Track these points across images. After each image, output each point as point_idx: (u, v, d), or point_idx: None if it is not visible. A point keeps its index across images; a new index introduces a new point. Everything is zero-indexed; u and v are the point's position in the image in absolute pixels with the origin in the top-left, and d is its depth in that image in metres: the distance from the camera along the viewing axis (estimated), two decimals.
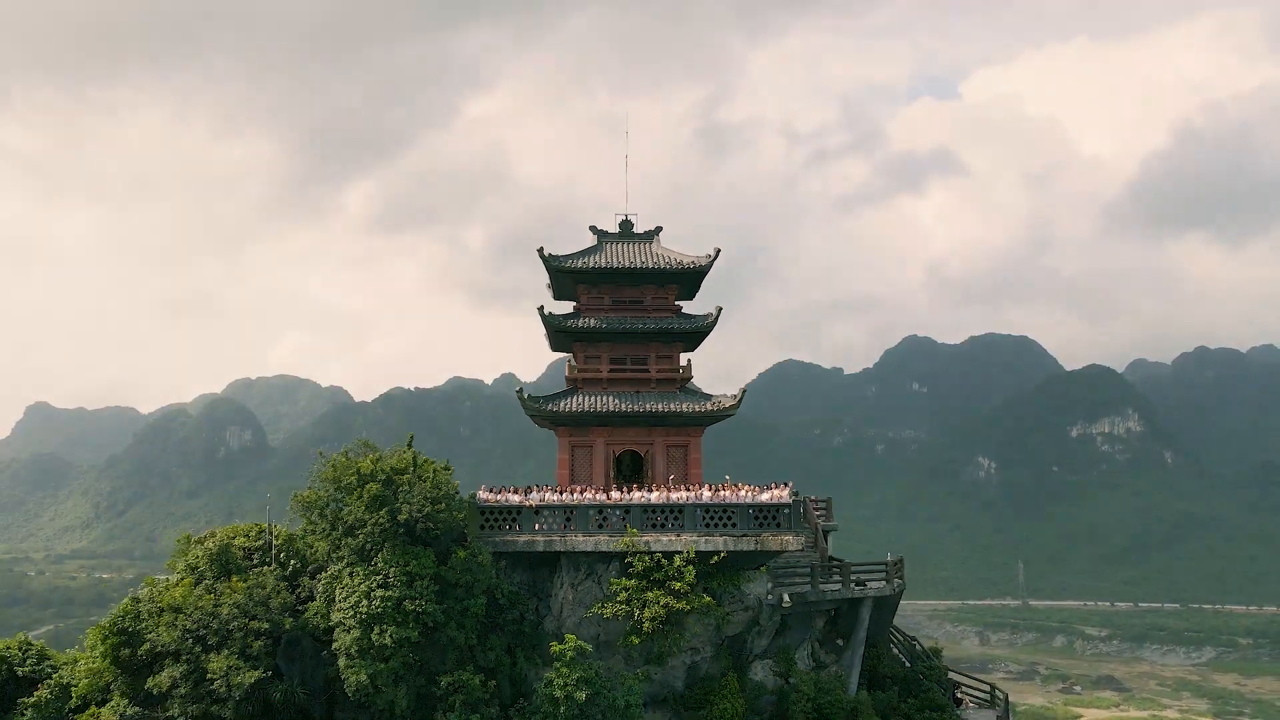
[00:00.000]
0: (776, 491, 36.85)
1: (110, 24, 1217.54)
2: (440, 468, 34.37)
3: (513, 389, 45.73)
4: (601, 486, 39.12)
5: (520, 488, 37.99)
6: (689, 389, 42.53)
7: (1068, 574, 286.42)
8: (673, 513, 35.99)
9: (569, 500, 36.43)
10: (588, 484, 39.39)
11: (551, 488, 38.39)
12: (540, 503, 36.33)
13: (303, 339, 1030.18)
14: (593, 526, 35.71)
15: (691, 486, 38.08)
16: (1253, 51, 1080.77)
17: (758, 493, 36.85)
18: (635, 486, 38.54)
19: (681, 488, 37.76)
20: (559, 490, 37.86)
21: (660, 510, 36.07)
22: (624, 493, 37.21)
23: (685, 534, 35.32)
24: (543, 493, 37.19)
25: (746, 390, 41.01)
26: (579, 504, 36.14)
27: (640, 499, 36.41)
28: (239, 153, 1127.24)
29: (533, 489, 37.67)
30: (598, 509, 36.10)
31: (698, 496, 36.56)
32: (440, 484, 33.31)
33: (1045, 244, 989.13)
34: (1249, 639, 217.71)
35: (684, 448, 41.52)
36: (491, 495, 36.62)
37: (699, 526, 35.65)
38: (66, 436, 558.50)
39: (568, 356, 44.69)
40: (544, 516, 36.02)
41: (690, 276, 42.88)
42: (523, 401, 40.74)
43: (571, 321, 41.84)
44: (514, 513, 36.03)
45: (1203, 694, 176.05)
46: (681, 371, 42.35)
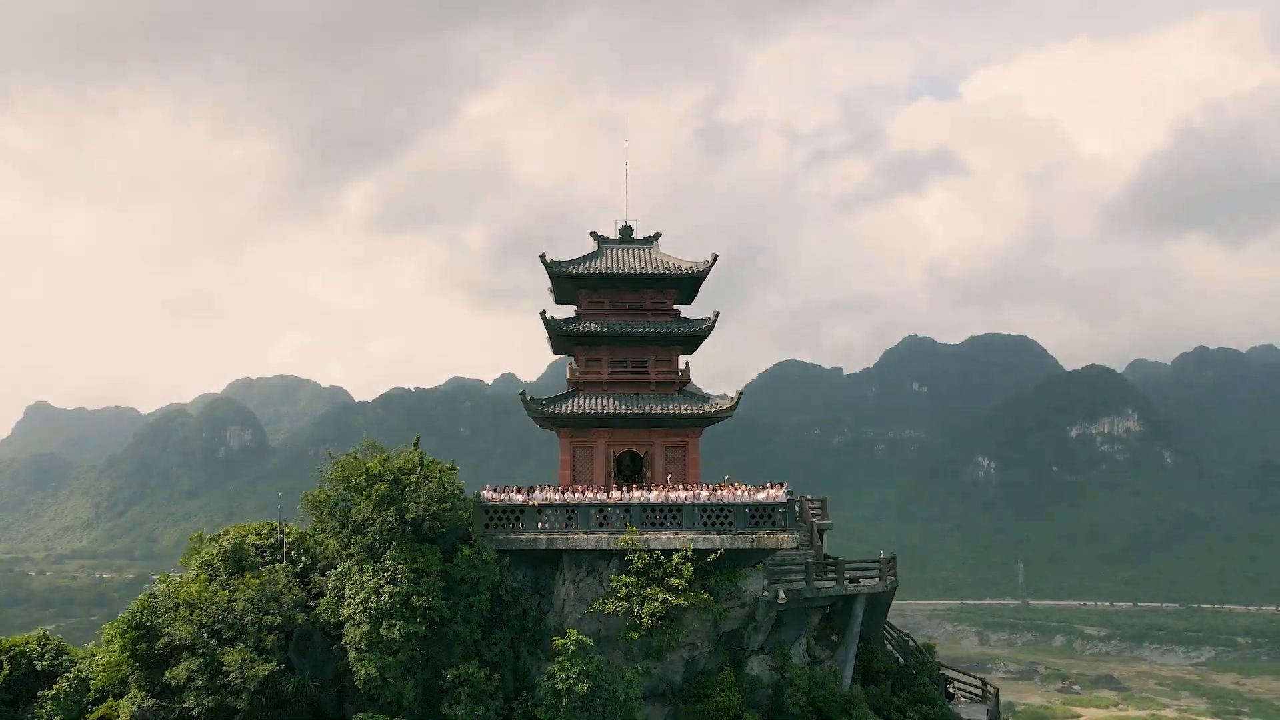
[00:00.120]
0: (772, 491, 37.82)
1: (110, 24, 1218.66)
2: (446, 468, 35.35)
3: (513, 389, 46.83)
4: (602, 486, 40.09)
5: (523, 487, 38.91)
6: (687, 391, 43.47)
7: (1067, 574, 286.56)
8: (671, 512, 36.92)
9: (571, 500, 37.37)
10: (589, 484, 40.33)
11: (553, 487, 39.31)
12: (543, 502, 37.27)
13: (303, 339, 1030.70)
14: (593, 525, 36.64)
15: (690, 486, 38.99)
16: (1253, 51, 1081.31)
17: (754, 492, 37.79)
18: (635, 486, 39.45)
19: (680, 487, 38.65)
20: (561, 490, 38.78)
21: (659, 509, 36.99)
22: (624, 492, 38.12)
23: (683, 532, 36.23)
24: (545, 492, 38.12)
25: (743, 393, 42.00)
26: (580, 503, 37.09)
27: (640, 498, 37.32)
28: (239, 153, 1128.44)
29: (535, 489, 38.60)
30: (598, 508, 37.04)
31: (696, 496, 37.47)
32: (446, 484, 34.28)
33: (1045, 244, 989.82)
34: (1248, 639, 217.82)
35: (682, 448, 42.46)
36: (496, 495, 37.58)
37: (697, 525, 36.57)
38: (67, 436, 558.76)
39: (568, 358, 45.74)
40: (546, 515, 36.96)
41: (689, 281, 43.89)
42: (525, 404, 41.73)
43: (573, 325, 42.81)
44: (517, 512, 36.99)
45: (1202, 693, 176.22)
46: (680, 374, 43.30)
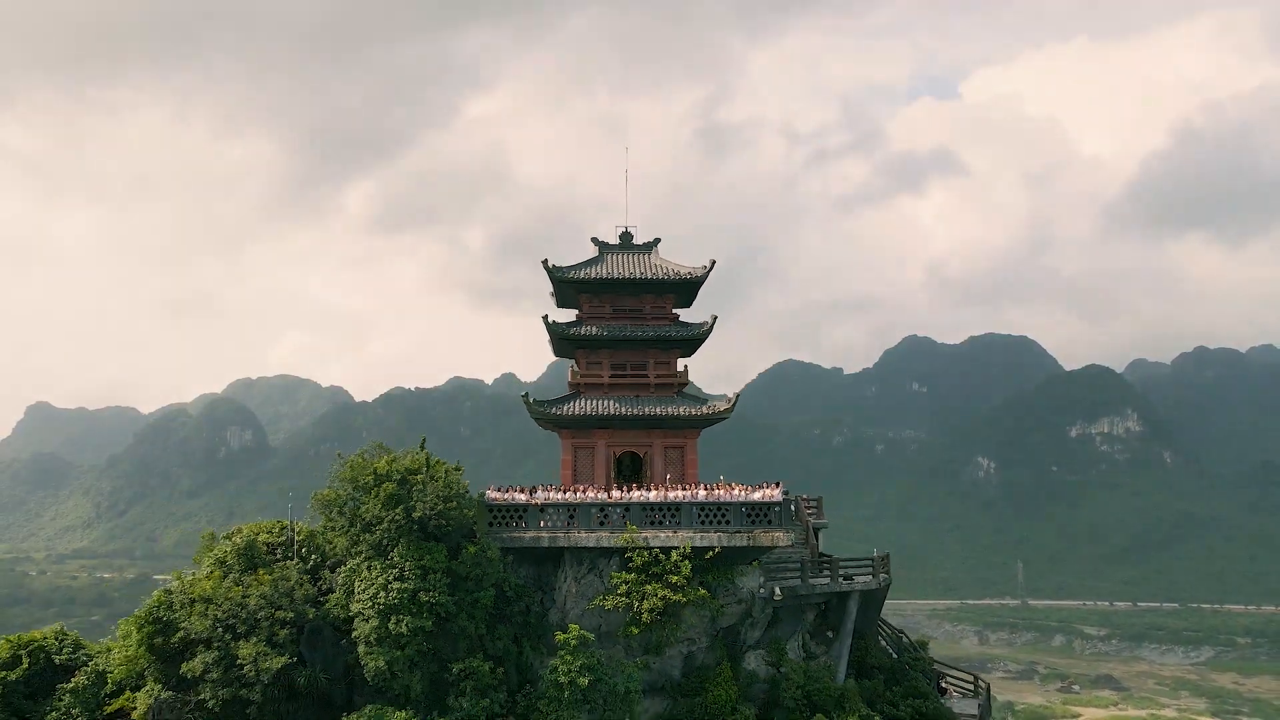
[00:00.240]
0: (768, 490, 38.80)
1: (110, 24, 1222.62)
2: (451, 468, 36.27)
3: (513, 389, 47.93)
4: (603, 486, 41.17)
5: (526, 487, 39.91)
6: (686, 393, 44.51)
7: (1067, 574, 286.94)
8: (670, 511, 37.88)
9: (572, 499, 38.34)
10: (590, 483, 41.41)
11: (555, 487, 40.33)
12: (545, 501, 38.25)
13: (303, 339, 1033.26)
14: (594, 523, 37.60)
15: (688, 486, 39.98)
16: (1253, 51, 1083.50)
17: (750, 492, 38.78)
18: (635, 486, 40.39)
19: (678, 487, 39.62)
20: (563, 489, 39.79)
21: (658, 508, 37.94)
22: (624, 492, 39.08)
23: (682, 530, 37.15)
24: (547, 492, 39.12)
25: (740, 395, 43.10)
26: (582, 502, 38.06)
27: (639, 498, 38.27)
28: (239, 153, 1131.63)
29: (538, 488, 39.60)
30: (599, 507, 38.01)
31: (694, 495, 38.44)
32: (451, 484, 35.18)
33: (1045, 244, 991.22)
34: (1247, 638, 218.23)
35: (681, 449, 43.48)
36: (499, 494, 38.59)
37: (695, 523, 37.51)
38: (67, 436, 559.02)
39: (568, 358, 46.78)
40: (549, 514, 37.94)
41: (687, 286, 44.91)
42: (528, 406, 42.75)
43: (574, 329, 43.84)
44: (520, 510, 37.97)
45: (1201, 693, 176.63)
46: (679, 377, 44.37)
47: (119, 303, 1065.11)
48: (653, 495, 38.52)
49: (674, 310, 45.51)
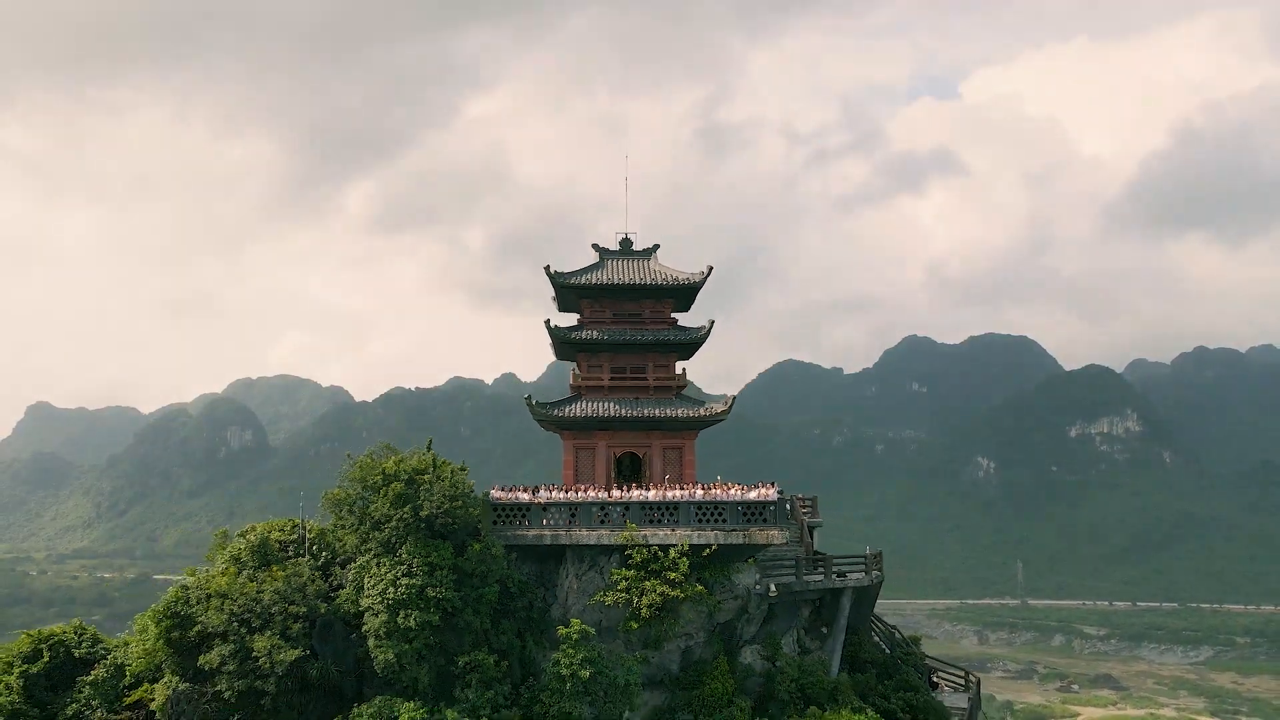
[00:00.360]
0: (763, 490, 39.89)
1: (110, 24, 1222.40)
2: (457, 468, 37.42)
3: (513, 389, 49.16)
4: (603, 485, 42.31)
5: (529, 487, 41.07)
6: (684, 395, 45.68)
7: (1066, 574, 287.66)
8: (669, 509, 38.92)
9: (574, 498, 39.44)
10: (590, 483, 42.56)
11: (557, 487, 41.46)
12: (547, 500, 39.40)
13: (303, 339, 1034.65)
14: (595, 522, 38.67)
15: (686, 485, 41.09)
16: (1253, 51, 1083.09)
17: (746, 491, 39.91)
18: (634, 485, 41.42)
19: (677, 486, 40.71)
20: (564, 489, 40.91)
21: (657, 507, 38.98)
22: (624, 491, 40.14)
23: (680, 529, 38.20)
24: (550, 491, 40.27)
25: (736, 398, 44.27)
26: (583, 501, 39.15)
27: (639, 497, 39.32)
28: (239, 153, 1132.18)
29: (540, 488, 40.75)
30: (600, 506, 39.09)
31: (691, 494, 39.50)
32: (457, 483, 36.33)
33: (1045, 244, 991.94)
34: (1247, 638, 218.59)
35: (679, 450, 44.61)
36: (503, 493, 39.77)
37: (692, 522, 38.54)
38: (67, 436, 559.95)
39: (570, 361, 47.95)
40: (551, 513, 39.08)
41: (686, 291, 46.05)
42: (530, 407, 43.91)
43: (575, 334, 45.03)
44: (524, 509, 39.10)
45: (1200, 693, 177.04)
46: (677, 379, 45.56)
47: (119, 303, 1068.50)
48: (652, 495, 39.53)
49: (673, 314, 46.62)
